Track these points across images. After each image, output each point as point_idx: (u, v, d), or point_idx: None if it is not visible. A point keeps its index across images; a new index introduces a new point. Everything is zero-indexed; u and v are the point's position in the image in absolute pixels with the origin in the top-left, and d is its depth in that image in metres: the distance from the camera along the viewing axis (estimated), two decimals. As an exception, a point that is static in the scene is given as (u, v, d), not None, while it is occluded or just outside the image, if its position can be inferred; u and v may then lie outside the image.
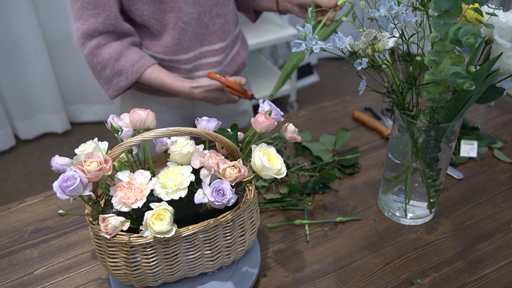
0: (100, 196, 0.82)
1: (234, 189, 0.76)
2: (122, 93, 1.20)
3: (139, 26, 1.18)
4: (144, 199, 0.72)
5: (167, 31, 1.16)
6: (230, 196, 0.73)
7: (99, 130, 2.76)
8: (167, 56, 1.19)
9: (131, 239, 0.73)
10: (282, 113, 0.88)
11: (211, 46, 1.23)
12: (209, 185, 0.75)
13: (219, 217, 0.77)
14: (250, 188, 0.81)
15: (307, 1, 1.19)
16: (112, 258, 0.76)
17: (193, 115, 1.36)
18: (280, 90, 2.82)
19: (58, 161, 0.79)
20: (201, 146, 0.85)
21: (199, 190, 0.75)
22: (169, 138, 0.86)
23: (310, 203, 1.06)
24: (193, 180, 0.77)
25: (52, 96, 2.57)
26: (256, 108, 1.29)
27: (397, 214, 1.01)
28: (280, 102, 2.98)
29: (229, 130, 0.90)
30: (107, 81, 1.17)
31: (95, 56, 1.13)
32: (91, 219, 0.76)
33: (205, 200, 0.74)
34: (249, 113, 1.47)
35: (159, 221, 0.71)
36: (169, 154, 0.84)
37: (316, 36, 0.79)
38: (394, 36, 0.79)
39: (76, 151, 0.80)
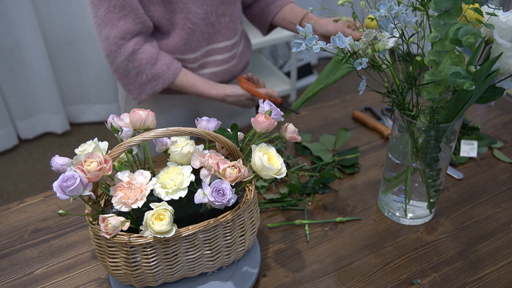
0: (100, 196, 0.82)
1: (234, 189, 0.76)
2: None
3: None
4: (144, 199, 0.72)
5: (176, 31, 1.17)
6: (230, 196, 0.73)
7: (99, 130, 2.76)
8: (174, 55, 1.20)
9: (131, 239, 0.73)
10: (282, 113, 0.88)
11: (217, 45, 1.24)
12: (209, 185, 0.75)
13: (219, 217, 0.77)
14: (250, 188, 0.81)
15: (331, 31, 1.16)
16: (112, 258, 0.76)
17: (197, 113, 1.37)
18: (280, 90, 2.83)
19: (58, 161, 0.79)
20: (201, 146, 0.85)
21: (199, 190, 0.75)
22: (169, 138, 0.86)
23: (310, 203, 1.06)
24: (193, 180, 0.77)
25: (52, 96, 2.57)
26: (256, 109, 1.30)
27: (397, 214, 1.01)
28: (280, 102, 2.98)
29: (229, 130, 0.90)
30: (140, 86, 1.16)
31: (130, 62, 1.11)
32: (91, 219, 0.76)
33: (205, 200, 0.74)
34: (252, 112, 1.48)
35: (159, 221, 0.71)
36: (169, 154, 0.84)
37: (316, 36, 0.79)
38: (394, 36, 0.79)
39: (76, 151, 0.80)
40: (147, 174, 0.75)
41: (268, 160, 0.77)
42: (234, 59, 1.29)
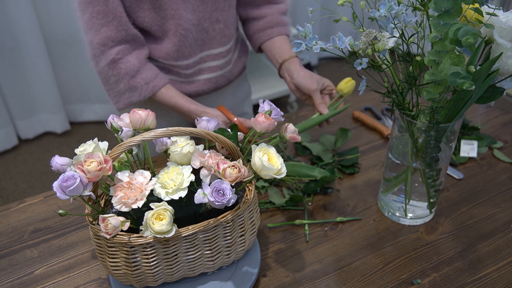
0: (100, 196, 0.82)
1: (234, 189, 0.76)
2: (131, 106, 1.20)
3: (141, 31, 1.17)
4: (144, 199, 0.72)
5: (168, 37, 1.16)
6: (230, 196, 0.73)
7: (99, 130, 2.76)
8: (167, 61, 1.19)
9: (131, 239, 0.73)
10: (282, 113, 0.88)
11: (212, 51, 1.22)
12: (209, 185, 0.75)
13: (219, 217, 0.77)
14: (250, 188, 0.81)
15: (304, 87, 1.16)
16: (112, 258, 0.76)
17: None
18: (280, 90, 2.83)
19: (58, 161, 0.79)
20: (201, 146, 0.85)
21: (199, 190, 0.75)
22: (169, 138, 0.86)
23: (310, 203, 1.06)
24: (193, 180, 0.77)
25: (51, 96, 2.57)
26: (256, 109, 1.28)
27: (397, 214, 1.01)
28: (280, 102, 2.98)
29: (229, 130, 0.90)
30: (118, 94, 1.16)
31: (111, 69, 1.12)
32: (91, 219, 0.76)
33: (205, 200, 0.74)
34: (248, 115, 1.48)
35: (159, 221, 0.71)
36: (169, 154, 0.84)
37: (316, 36, 0.79)
38: (394, 36, 0.79)
39: (76, 151, 0.80)
40: (147, 174, 0.75)
41: (268, 160, 0.77)
42: (229, 65, 1.28)
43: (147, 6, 1.10)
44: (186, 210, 0.79)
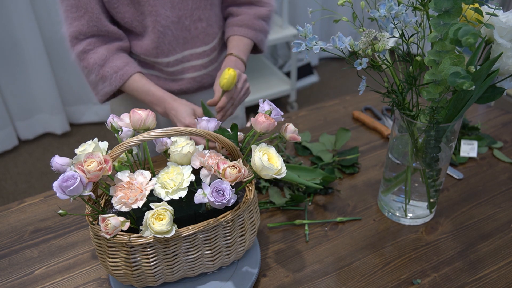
0: (100, 196, 0.82)
1: (234, 189, 0.76)
2: (112, 99, 1.20)
3: (122, 27, 1.18)
4: (144, 199, 0.72)
5: (148, 33, 1.16)
6: (230, 196, 0.73)
7: (99, 130, 2.76)
8: (147, 58, 1.20)
9: (131, 239, 0.73)
10: (282, 113, 0.88)
11: (195, 50, 1.22)
12: (209, 185, 0.75)
13: (219, 217, 0.77)
14: (250, 188, 0.81)
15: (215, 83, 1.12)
16: (112, 258, 0.76)
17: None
18: (280, 90, 2.83)
19: (58, 161, 0.79)
20: (201, 146, 0.85)
21: (199, 190, 0.75)
22: (169, 138, 0.86)
23: (310, 203, 1.06)
24: (193, 180, 0.77)
25: (51, 97, 2.57)
26: (248, 111, 1.28)
27: (397, 214, 1.01)
28: (280, 102, 2.98)
29: (229, 130, 0.90)
30: (94, 86, 1.17)
31: (81, 60, 1.14)
32: (91, 219, 0.76)
33: (205, 200, 0.74)
34: (240, 118, 1.47)
35: (159, 221, 0.71)
36: (169, 154, 0.84)
37: (316, 36, 0.79)
38: (394, 36, 0.79)
39: (76, 151, 0.80)
40: (147, 174, 0.75)
41: (268, 160, 0.77)
42: (214, 63, 1.27)
43: (126, 2, 1.11)
44: (186, 210, 0.79)
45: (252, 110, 2.73)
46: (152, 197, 0.79)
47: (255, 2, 1.26)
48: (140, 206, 0.72)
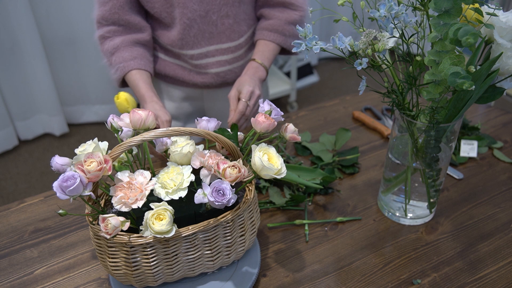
0: (100, 196, 0.82)
1: (234, 189, 0.76)
2: (126, 86, 1.24)
3: (152, 17, 1.23)
4: (144, 199, 0.72)
5: (175, 25, 1.20)
6: (230, 196, 0.73)
7: (99, 130, 2.76)
8: (173, 48, 1.24)
9: (131, 239, 0.73)
10: (282, 113, 0.88)
11: (220, 45, 1.25)
12: (209, 185, 0.75)
13: (219, 217, 0.77)
14: (250, 188, 0.81)
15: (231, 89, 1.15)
16: (112, 258, 0.76)
17: (202, 109, 1.40)
18: (280, 90, 2.83)
19: (58, 161, 0.79)
20: (201, 146, 0.85)
21: (199, 190, 0.75)
22: (169, 138, 0.86)
23: (310, 203, 1.06)
24: (193, 180, 0.77)
25: (50, 97, 2.57)
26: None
27: (397, 214, 1.01)
28: (280, 102, 2.98)
29: (229, 130, 0.90)
30: (109, 70, 1.24)
31: (100, 44, 1.22)
32: (91, 219, 0.76)
33: (205, 200, 0.74)
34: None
35: (159, 221, 0.71)
36: (169, 154, 0.84)
37: (316, 36, 0.79)
38: (394, 36, 0.79)
39: (76, 151, 0.80)
40: (147, 174, 0.75)
41: (268, 160, 0.77)
42: (239, 61, 1.29)
43: None
44: (186, 210, 0.79)
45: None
46: (152, 197, 0.79)
47: (288, 5, 1.26)
48: (140, 206, 0.72)
